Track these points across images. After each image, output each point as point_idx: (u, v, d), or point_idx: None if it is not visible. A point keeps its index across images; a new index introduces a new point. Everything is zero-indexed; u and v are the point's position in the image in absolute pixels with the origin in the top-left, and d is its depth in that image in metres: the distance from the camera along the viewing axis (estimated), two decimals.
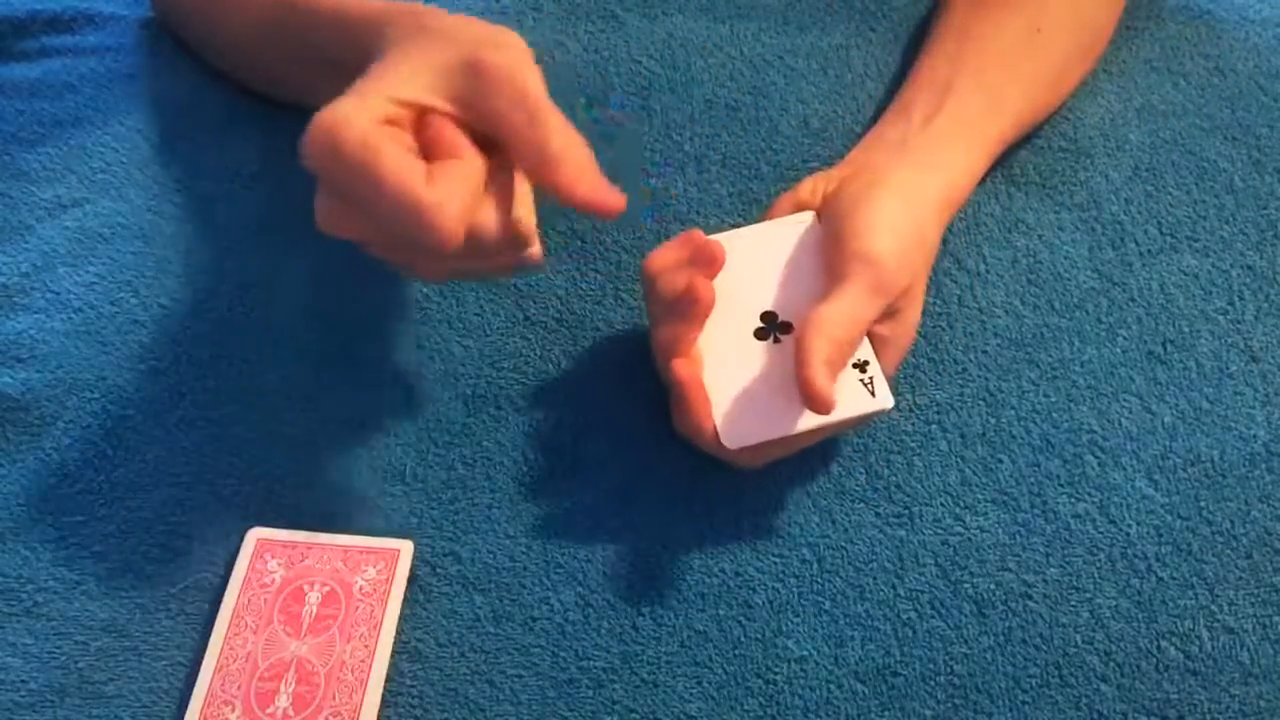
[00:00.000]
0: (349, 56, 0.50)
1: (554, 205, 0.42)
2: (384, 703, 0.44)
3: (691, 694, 0.45)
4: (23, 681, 0.45)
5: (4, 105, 0.62)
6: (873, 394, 0.47)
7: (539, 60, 0.43)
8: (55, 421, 0.51)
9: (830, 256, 0.49)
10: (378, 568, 0.47)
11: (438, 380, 0.53)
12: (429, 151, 0.41)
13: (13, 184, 0.59)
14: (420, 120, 0.41)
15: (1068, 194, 0.59)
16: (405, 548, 0.48)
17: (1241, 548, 0.48)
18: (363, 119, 0.39)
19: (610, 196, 0.42)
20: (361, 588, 0.47)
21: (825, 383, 0.44)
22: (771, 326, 0.48)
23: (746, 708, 0.45)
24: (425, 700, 0.45)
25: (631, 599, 0.47)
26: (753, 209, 0.57)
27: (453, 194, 0.39)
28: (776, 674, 0.46)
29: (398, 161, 0.38)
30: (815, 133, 0.60)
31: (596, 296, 0.55)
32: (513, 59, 0.42)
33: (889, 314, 0.48)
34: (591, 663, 0.46)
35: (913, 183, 0.51)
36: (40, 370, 0.52)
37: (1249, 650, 0.46)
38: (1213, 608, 0.47)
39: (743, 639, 0.46)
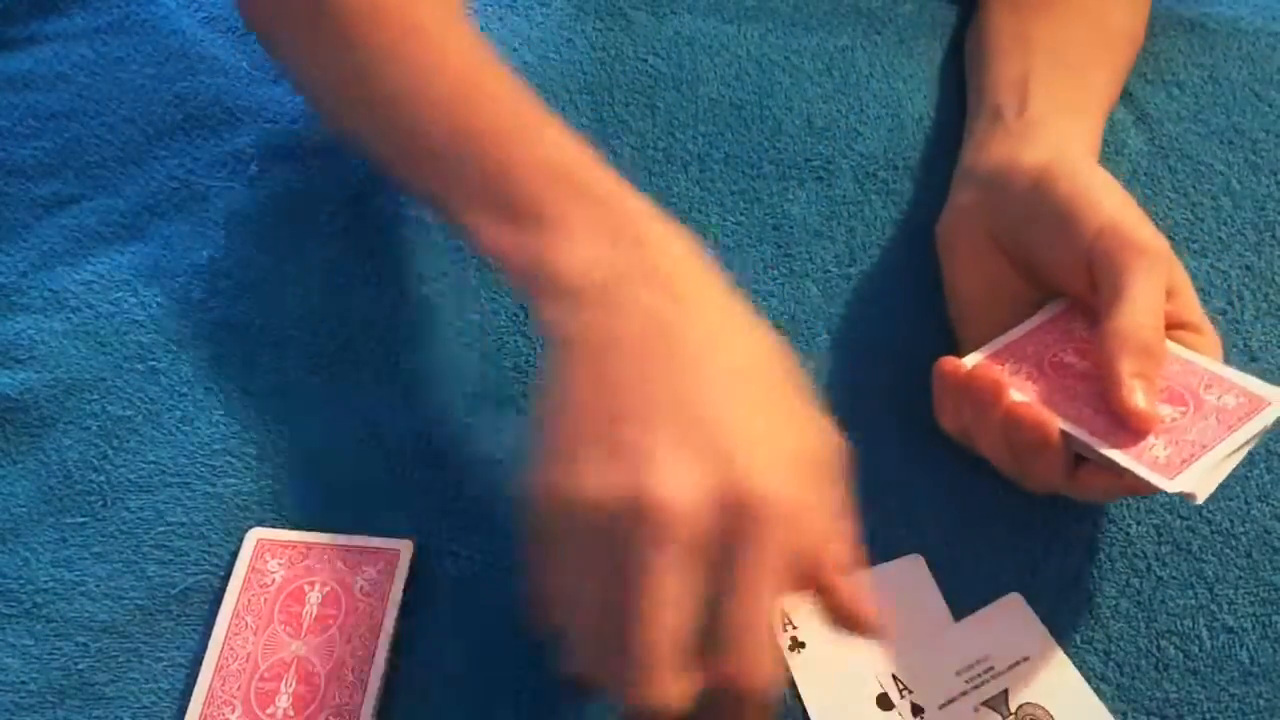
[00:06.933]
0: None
1: None
2: (384, 703, 0.44)
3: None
4: (22, 682, 0.45)
5: None
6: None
7: (544, 59, 0.42)
8: (55, 421, 0.51)
9: (1069, 278, 0.45)
10: (378, 568, 0.47)
11: (438, 380, 0.52)
12: None
13: (9, 180, 0.58)
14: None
15: None
16: (405, 548, 0.47)
17: (1241, 546, 0.48)
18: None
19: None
20: (362, 588, 0.46)
21: (1143, 400, 0.42)
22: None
23: None
24: (425, 700, 0.45)
25: None
26: (754, 207, 0.57)
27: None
28: None
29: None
30: (818, 132, 0.60)
31: None
32: None
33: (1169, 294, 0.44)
34: None
35: (1069, 148, 0.48)
36: (40, 370, 0.52)
37: (1248, 649, 0.46)
38: (1212, 607, 0.47)
39: None
